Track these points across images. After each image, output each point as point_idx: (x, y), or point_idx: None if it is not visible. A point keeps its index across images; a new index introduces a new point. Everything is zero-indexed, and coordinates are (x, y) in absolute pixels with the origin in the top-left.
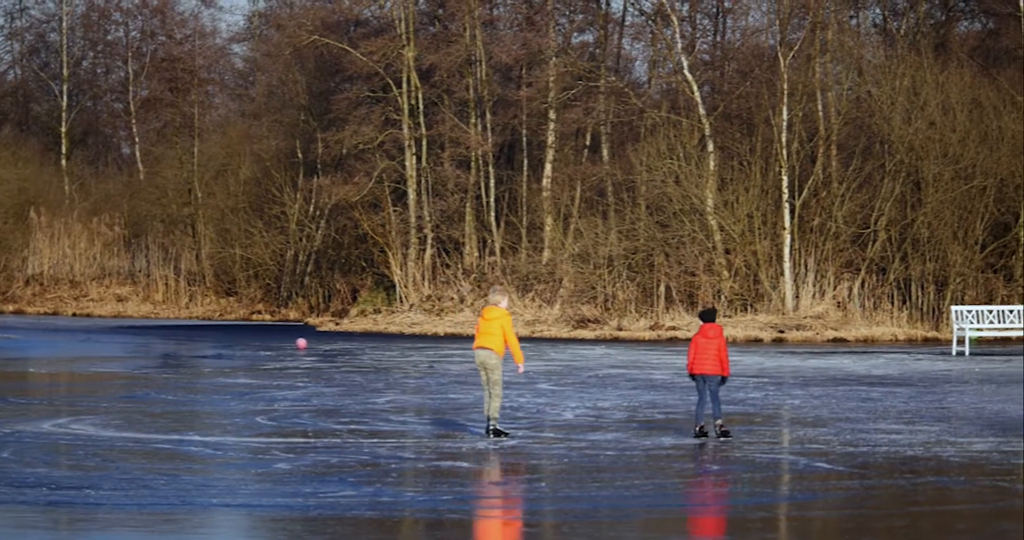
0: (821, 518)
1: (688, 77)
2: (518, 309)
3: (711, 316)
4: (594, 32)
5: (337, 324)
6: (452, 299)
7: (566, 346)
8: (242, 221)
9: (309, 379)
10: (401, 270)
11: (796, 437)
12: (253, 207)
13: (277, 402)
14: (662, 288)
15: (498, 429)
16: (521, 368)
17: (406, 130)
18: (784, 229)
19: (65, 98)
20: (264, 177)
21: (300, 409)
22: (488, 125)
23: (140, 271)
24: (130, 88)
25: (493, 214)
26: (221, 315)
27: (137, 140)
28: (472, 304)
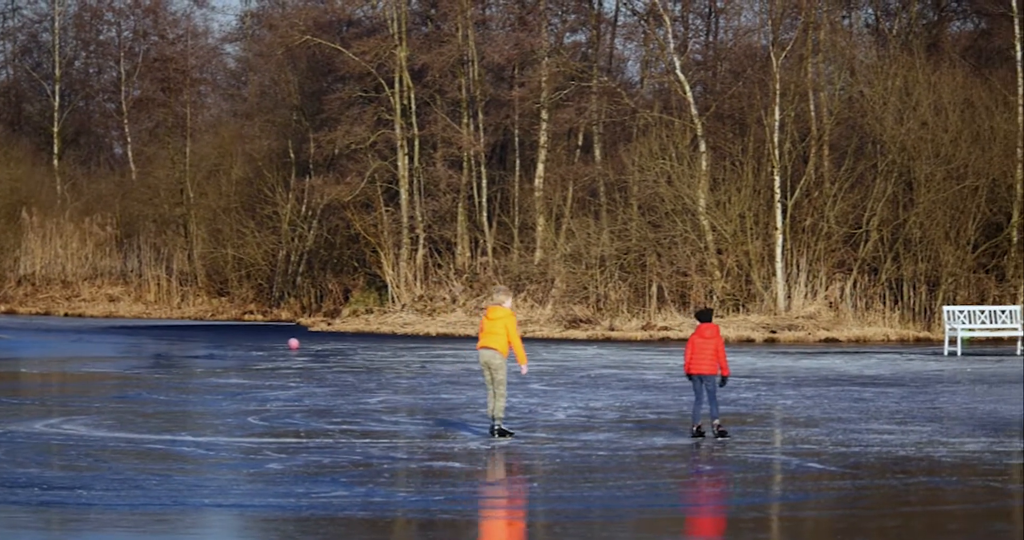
0: (813, 518)
1: (680, 77)
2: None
3: (708, 316)
4: (586, 32)
5: (329, 324)
6: (444, 299)
7: (558, 346)
8: (234, 221)
9: (301, 379)
10: (393, 270)
11: (788, 437)
12: (245, 207)
13: (269, 402)
14: (654, 288)
15: (503, 429)
16: (524, 369)
17: (398, 130)
18: (776, 229)
19: (57, 98)
20: (256, 177)
21: (292, 409)
22: (480, 125)
23: (132, 271)
24: (122, 88)
25: (485, 214)
26: (213, 315)
27: (129, 140)
28: (464, 304)
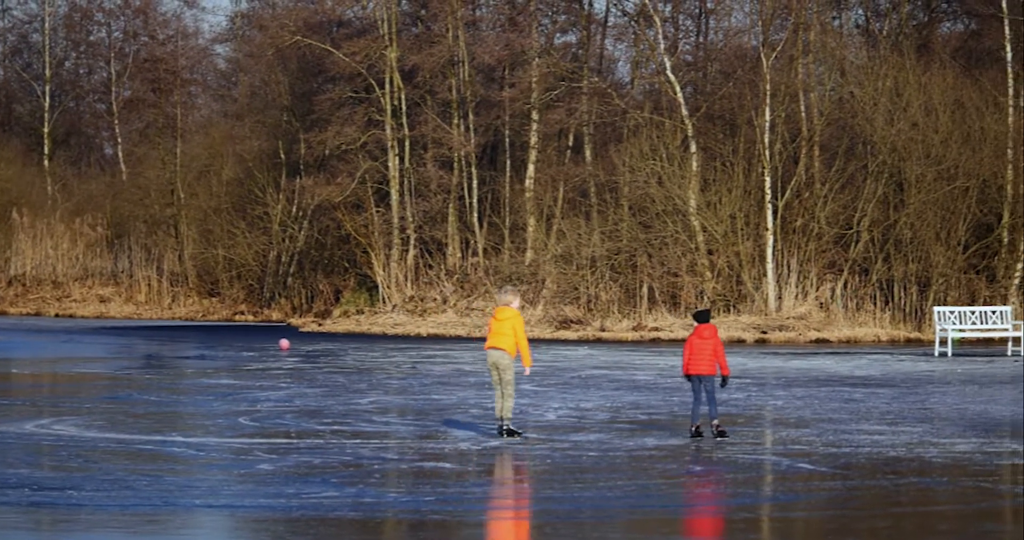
0: (804, 519)
1: (671, 78)
2: None
3: (706, 317)
4: (577, 33)
5: (320, 325)
6: (435, 300)
7: (549, 347)
8: (225, 222)
9: (292, 380)
10: (384, 271)
11: (779, 438)
12: (236, 208)
13: (260, 403)
14: (645, 289)
15: (511, 429)
16: (527, 371)
17: (389, 131)
18: (767, 230)
19: (48, 99)
20: (247, 178)
21: (283, 410)
22: (471, 126)
23: (123, 272)
24: (112, 89)
25: (476, 215)
26: (204, 316)
27: (120, 141)
28: (455, 305)
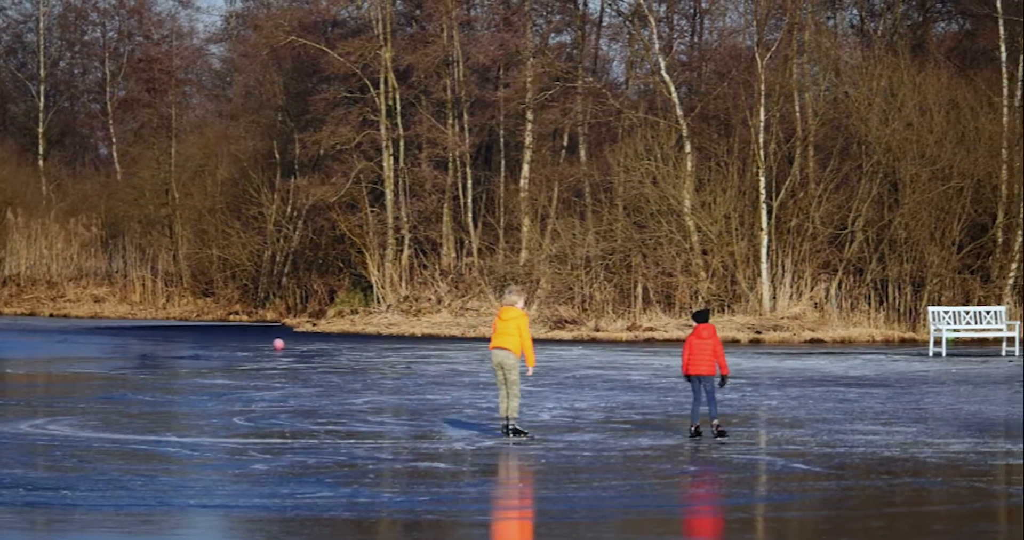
0: (798, 519)
1: (665, 78)
2: (495, 310)
3: (704, 317)
4: (571, 33)
5: (314, 325)
6: (429, 300)
7: (543, 347)
8: (219, 222)
9: (286, 380)
10: (378, 271)
11: (773, 438)
12: (230, 208)
13: (254, 403)
14: (639, 289)
15: (517, 428)
16: (530, 371)
17: (383, 131)
18: (761, 230)
19: (42, 99)
20: (241, 178)
21: (277, 410)
22: (465, 126)
23: (117, 272)
24: (107, 88)
25: (470, 215)
26: (198, 316)
27: (114, 141)
28: (449, 305)
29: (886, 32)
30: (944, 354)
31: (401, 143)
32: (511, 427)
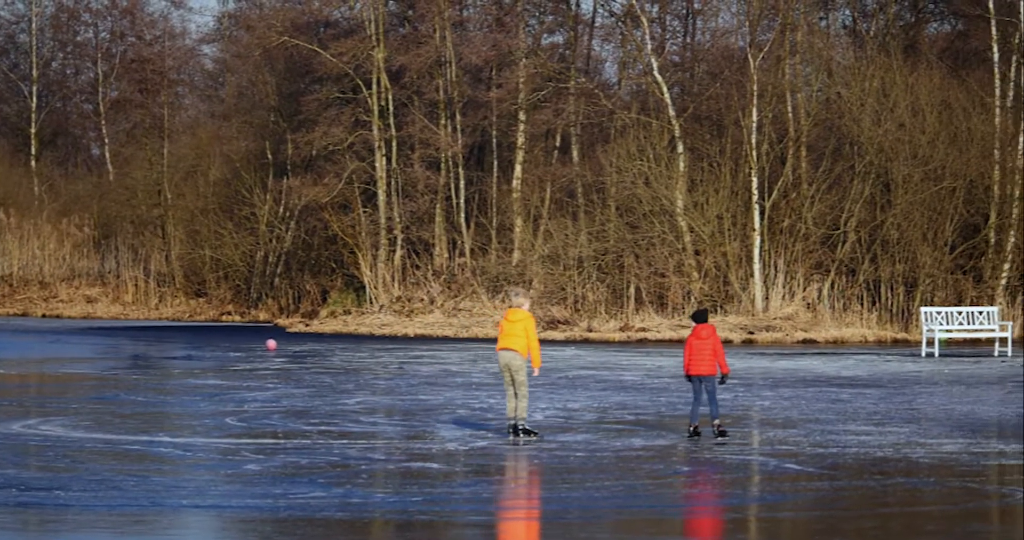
0: (791, 519)
1: (658, 78)
2: (488, 310)
3: (703, 317)
4: (564, 33)
5: (307, 325)
6: (422, 300)
7: None
8: (212, 222)
9: (279, 380)
10: (371, 271)
11: (766, 438)
12: (223, 208)
13: (247, 403)
14: (632, 289)
15: (527, 428)
16: (536, 371)
17: (376, 131)
18: (754, 230)
19: (35, 99)
20: (234, 178)
21: (270, 410)
22: (458, 126)
23: (110, 272)
24: (100, 89)
25: (463, 215)
26: (191, 316)
27: (107, 141)
28: (442, 305)
29: (878, 33)
30: (937, 354)
31: (394, 143)
32: (521, 427)
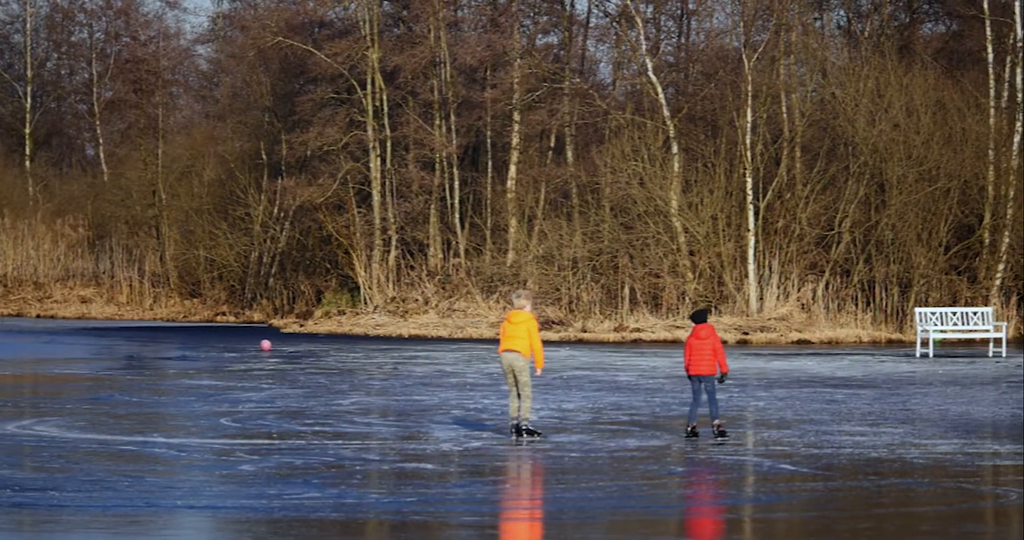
0: (785, 520)
1: (652, 79)
2: (482, 311)
3: (703, 317)
4: (558, 34)
5: (301, 326)
6: (416, 301)
7: None
8: (206, 223)
9: (273, 381)
10: (365, 272)
11: (760, 439)
12: (217, 209)
13: (241, 404)
14: (626, 290)
15: (531, 429)
16: (539, 371)
17: (370, 132)
18: (748, 231)
19: (29, 99)
20: (228, 179)
21: (264, 411)
22: (452, 127)
23: (104, 273)
24: (94, 89)
25: (457, 216)
26: (185, 317)
27: (101, 141)
28: (436, 306)
29: (873, 33)
30: (931, 355)
31: (388, 144)
32: (525, 427)
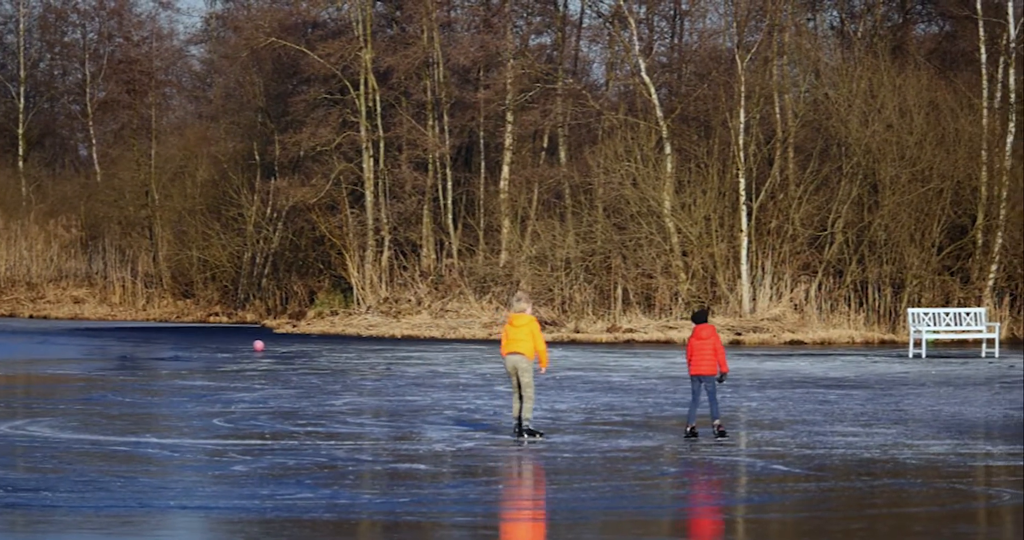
0: (778, 520)
1: (645, 79)
2: (475, 312)
3: (703, 317)
4: (551, 34)
5: (294, 326)
6: (409, 301)
7: None
8: (199, 223)
9: (266, 381)
10: (358, 272)
11: (753, 439)
12: (210, 209)
13: (234, 404)
14: (619, 290)
15: (532, 429)
16: (543, 370)
17: (363, 132)
18: (741, 231)
19: (22, 100)
20: (221, 179)
21: (257, 411)
22: (445, 127)
23: (97, 273)
24: (87, 90)
25: (450, 216)
26: (178, 317)
27: (94, 142)
28: (429, 306)
29: (866, 34)
30: (924, 355)
31: (381, 145)
32: (526, 427)
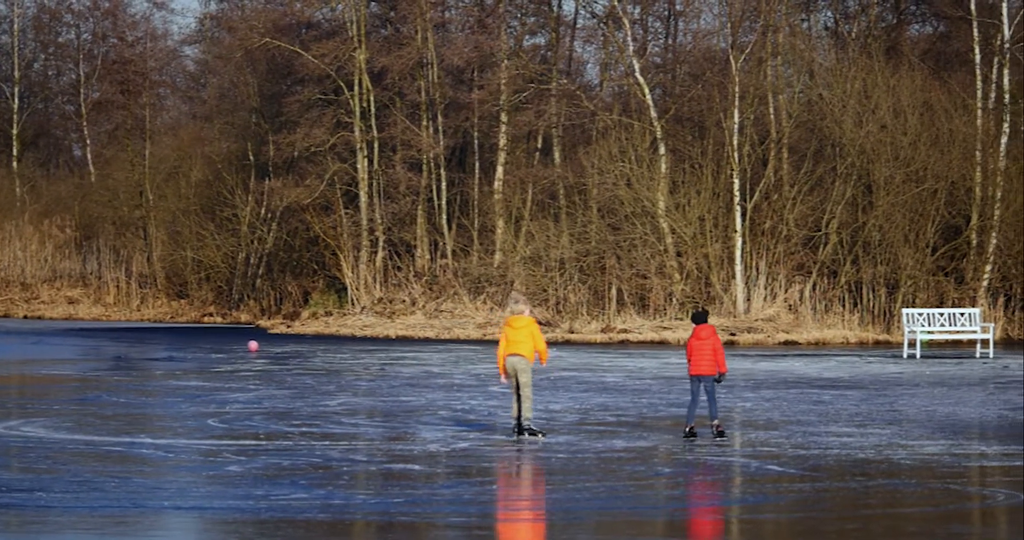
0: (772, 521)
1: (640, 80)
2: (469, 312)
3: (703, 318)
4: (546, 35)
5: (288, 326)
6: (404, 301)
7: None
8: (193, 223)
9: (260, 382)
10: (352, 273)
11: (747, 440)
12: (204, 209)
13: (228, 404)
14: (613, 291)
15: (533, 429)
16: (544, 363)
17: (357, 133)
18: (735, 232)
19: (16, 100)
20: (215, 179)
21: (251, 411)
22: (440, 128)
23: (91, 273)
24: (81, 90)
25: (445, 217)
26: (172, 317)
27: (88, 142)
28: (424, 307)
29: (860, 34)
30: (918, 356)
31: (375, 145)
32: (527, 427)
